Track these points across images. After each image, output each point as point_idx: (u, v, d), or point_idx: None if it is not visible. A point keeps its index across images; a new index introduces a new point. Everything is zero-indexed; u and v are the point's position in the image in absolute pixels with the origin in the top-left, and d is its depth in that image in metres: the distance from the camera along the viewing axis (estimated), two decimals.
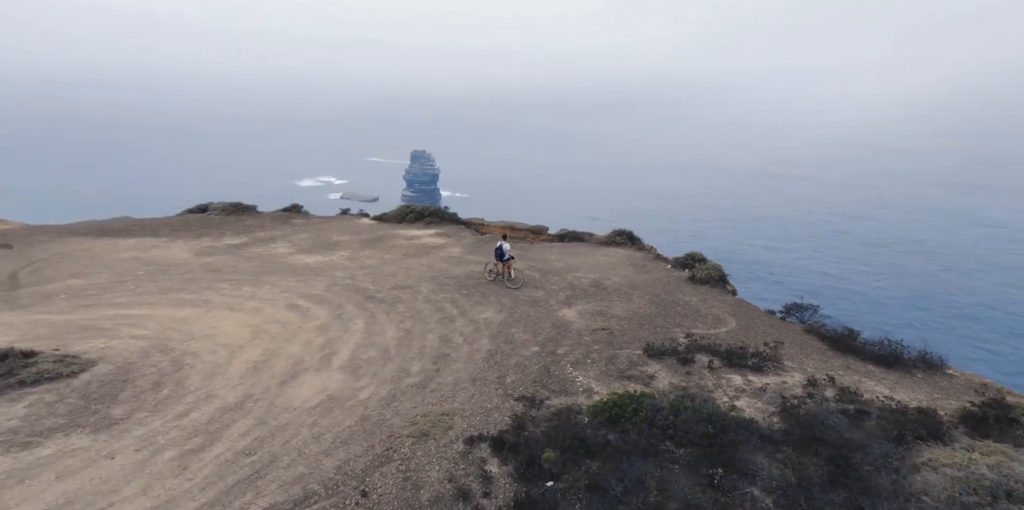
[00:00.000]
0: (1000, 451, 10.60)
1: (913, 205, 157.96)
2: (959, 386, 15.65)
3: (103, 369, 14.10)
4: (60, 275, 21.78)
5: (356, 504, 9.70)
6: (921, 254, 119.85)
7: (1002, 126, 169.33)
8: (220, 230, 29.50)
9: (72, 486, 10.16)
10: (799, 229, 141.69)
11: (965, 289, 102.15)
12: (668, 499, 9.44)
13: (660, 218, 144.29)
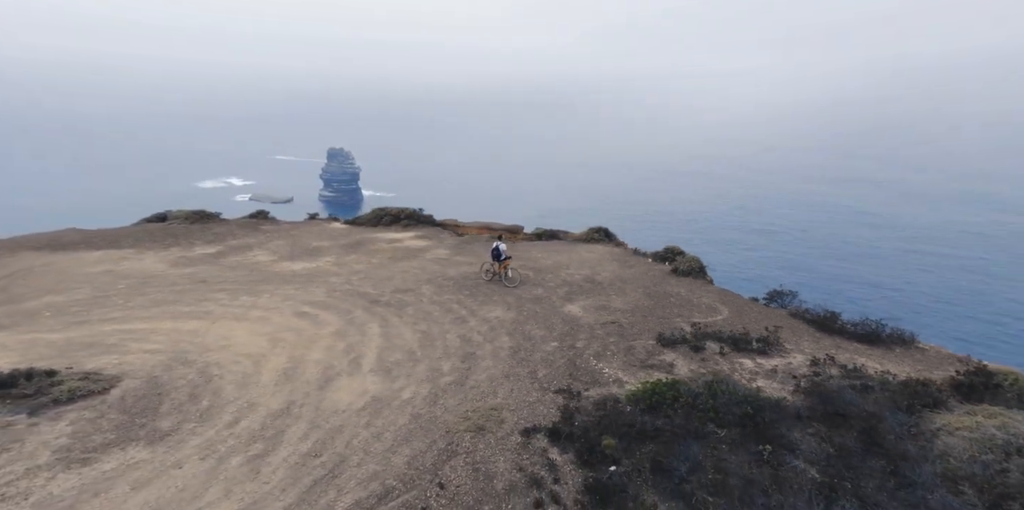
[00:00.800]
0: (999, 414, 12.59)
1: (792, 197, 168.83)
2: (932, 358, 17.91)
3: (131, 384, 14.22)
4: (33, 292, 21.15)
5: (437, 495, 10.56)
6: (804, 241, 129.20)
7: (849, 126, 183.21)
8: (188, 239, 29.03)
9: (152, 495, 10.52)
10: (709, 221, 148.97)
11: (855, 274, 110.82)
12: (726, 476, 10.79)
13: (589, 215, 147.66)
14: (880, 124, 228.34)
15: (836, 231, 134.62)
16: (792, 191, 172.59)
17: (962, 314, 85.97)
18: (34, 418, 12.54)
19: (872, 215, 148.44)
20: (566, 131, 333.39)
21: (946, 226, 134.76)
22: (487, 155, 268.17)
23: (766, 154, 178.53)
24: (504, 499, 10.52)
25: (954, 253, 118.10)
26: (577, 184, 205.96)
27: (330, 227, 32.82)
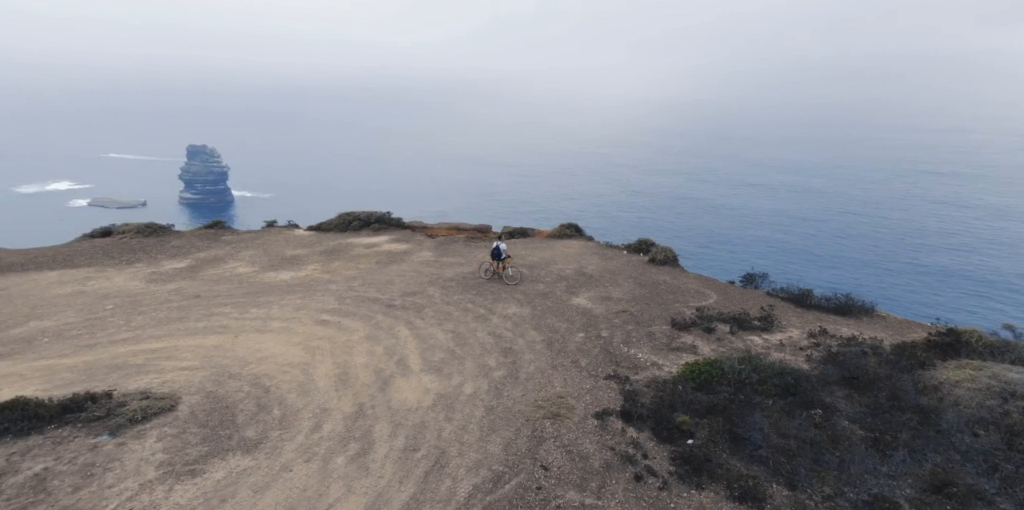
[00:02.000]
0: (984, 366, 15.75)
1: (660, 188, 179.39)
2: (894, 324, 21.36)
3: (193, 400, 14.71)
4: (10, 318, 20.47)
5: (545, 476, 12.21)
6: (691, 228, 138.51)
7: (702, 125, 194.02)
8: (148, 254, 28.40)
9: (279, 497, 11.45)
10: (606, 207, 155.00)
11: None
12: (790, 439, 13.07)
13: (482, 212, 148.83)
14: (734, 123, 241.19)
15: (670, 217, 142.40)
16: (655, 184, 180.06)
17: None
18: (118, 438, 12.90)
19: (711, 203, 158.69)
20: (444, 127, 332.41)
21: (775, 212, 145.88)
22: (367, 151, 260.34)
23: (628, 150, 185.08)
24: (606, 475, 12.28)
25: (771, 237, 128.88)
26: (454, 181, 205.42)
27: (294, 235, 32.94)
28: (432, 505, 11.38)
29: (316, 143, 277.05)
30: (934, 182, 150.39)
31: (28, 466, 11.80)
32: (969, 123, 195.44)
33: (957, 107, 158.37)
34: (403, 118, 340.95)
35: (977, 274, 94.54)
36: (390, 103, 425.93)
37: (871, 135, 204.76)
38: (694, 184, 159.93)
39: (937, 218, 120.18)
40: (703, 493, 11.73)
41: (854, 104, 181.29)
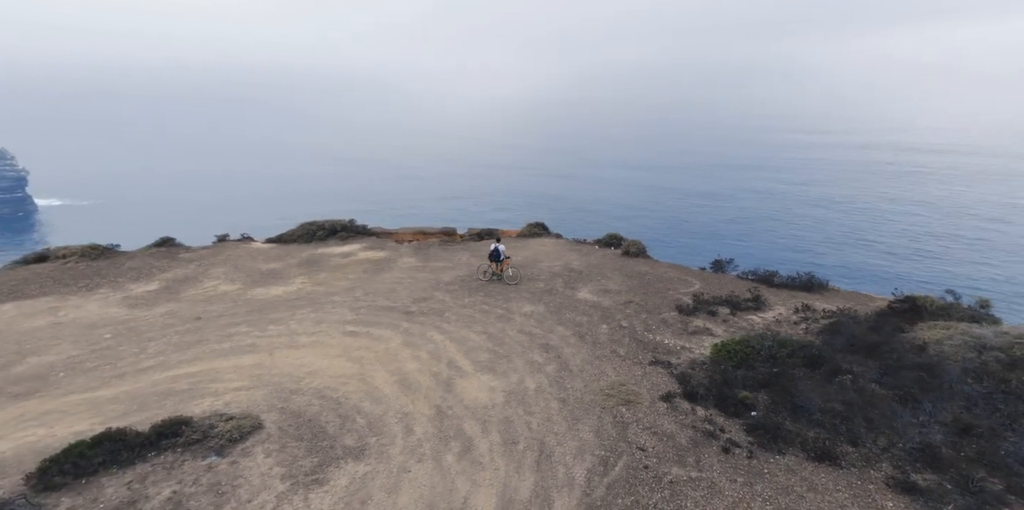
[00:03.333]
0: (951, 326, 19.22)
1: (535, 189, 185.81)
2: (849, 296, 24.99)
3: (272, 417, 15.22)
4: (3, 357, 19.50)
5: (645, 456, 14.04)
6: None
7: (555, 125, 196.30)
8: (107, 279, 27.25)
9: (414, 495, 12.53)
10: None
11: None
12: (835, 403, 15.66)
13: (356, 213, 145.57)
14: (585, 121, 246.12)
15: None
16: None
17: None
18: (227, 458, 13.35)
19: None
20: (319, 128, 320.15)
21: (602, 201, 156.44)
22: (202, 155, 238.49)
23: (511, 151, 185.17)
24: (697, 450, 14.27)
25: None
26: (333, 183, 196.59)
27: (256, 248, 32.52)
28: (558, 490, 12.89)
29: (158, 145, 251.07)
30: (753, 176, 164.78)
31: (155, 491, 12.10)
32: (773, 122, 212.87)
33: (784, 108, 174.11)
34: (270, 119, 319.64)
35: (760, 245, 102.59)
36: (251, 103, 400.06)
37: (714, 133, 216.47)
38: (568, 182, 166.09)
39: (755, 208, 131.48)
40: (785, 457, 14.04)
41: (702, 105, 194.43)
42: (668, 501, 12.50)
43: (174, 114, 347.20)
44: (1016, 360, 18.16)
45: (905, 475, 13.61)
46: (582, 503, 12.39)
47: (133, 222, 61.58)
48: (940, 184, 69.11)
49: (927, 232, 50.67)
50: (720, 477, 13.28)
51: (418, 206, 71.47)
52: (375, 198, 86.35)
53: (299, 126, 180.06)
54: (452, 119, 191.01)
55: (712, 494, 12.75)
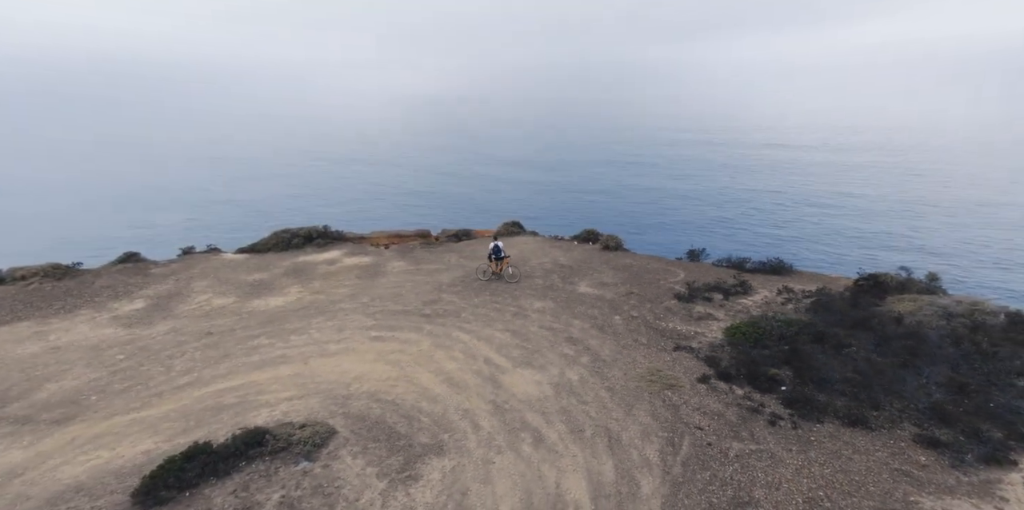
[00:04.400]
0: (917, 298, 21.35)
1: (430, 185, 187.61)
2: (814, 277, 27.11)
3: (339, 423, 15.20)
4: (12, 387, 18.25)
5: (704, 433, 15.10)
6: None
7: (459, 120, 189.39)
8: (83, 299, 25.68)
9: (506, 484, 13.04)
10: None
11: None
12: (847, 373, 17.21)
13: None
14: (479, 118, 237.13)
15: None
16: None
17: None
18: (317, 462, 13.34)
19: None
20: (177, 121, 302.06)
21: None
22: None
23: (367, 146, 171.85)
24: (747, 424, 15.45)
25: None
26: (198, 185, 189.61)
27: (229, 259, 31.40)
28: (639, 471, 13.68)
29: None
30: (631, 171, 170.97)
31: (264, 497, 12.03)
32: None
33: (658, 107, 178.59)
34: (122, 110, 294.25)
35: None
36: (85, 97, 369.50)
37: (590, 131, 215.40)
38: (463, 181, 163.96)
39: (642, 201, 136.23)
40: (824, 425, 15.42)
41: (588, 104, 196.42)
42: (740, 473, 13.53)
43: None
44: (978, 324, 20.48)
45: (926, 431, 15.25)
46: (665, 481, 13.22)
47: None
48: (796, 176, 74.32)
49: (783, 219, 55.11)
50: (776, 447, 14.46)
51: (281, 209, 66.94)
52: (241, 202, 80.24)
53: (155, 119, 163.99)
54: (320, 112, 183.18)
55: (775, 463, 13.89)
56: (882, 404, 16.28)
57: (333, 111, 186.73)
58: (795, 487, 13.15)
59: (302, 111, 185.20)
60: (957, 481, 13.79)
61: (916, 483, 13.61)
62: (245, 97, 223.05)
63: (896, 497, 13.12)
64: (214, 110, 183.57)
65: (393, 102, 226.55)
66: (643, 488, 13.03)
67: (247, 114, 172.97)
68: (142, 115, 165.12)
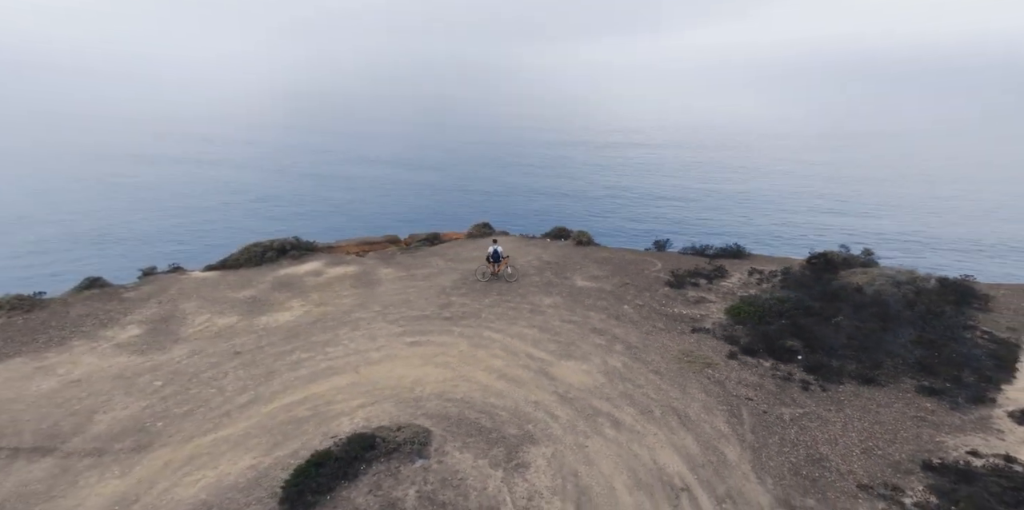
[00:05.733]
0: (866, 271, 24.23)
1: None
2: (770, 260, 29.85)
3: (428, 422, 15.48)
4: (58, 422, 16.81)
5: (755, 403, 16.70)
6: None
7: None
8: (65, 330, 23.57)
9: (609, 463, 14.01)
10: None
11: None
12: (845, 339, 19.45)
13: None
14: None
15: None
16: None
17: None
18: (432, 459, 13.71)
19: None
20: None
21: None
22: None
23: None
24: (786, 391, 17.27)
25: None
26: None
27: (200, 278, 29.77)
28: (718, 441, 15.05)
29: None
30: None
31: (402, 493, 12.49)
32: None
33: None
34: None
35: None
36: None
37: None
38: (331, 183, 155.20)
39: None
40: (845, 386, 17.49)
41: (454, 100, 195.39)
42: (801, 433, 15.23)
43: None
44: (921, 290, 23.62)
45: (923, 383, 17.68)
46: (746, 447, 14.65)
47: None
48: (652, 173, 79.63)
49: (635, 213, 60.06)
50: (819, 409, 16.31)
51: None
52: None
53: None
54: (170, 110, 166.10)
55: (824, 423, 15.71)
56: (881, 363, 18.61)
57: (186, 109, 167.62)
58: (849, 441, 14.99)
59: (153, 109, 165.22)
60: (961, 421, 16.21)
61: (933, 426, 15.88)
62: (84, 97, 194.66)
63: (924, 439, 15.28)
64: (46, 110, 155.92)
65: (254, 96, 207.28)
66: (729, 456, 14.36)
67: (76, 115, 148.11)
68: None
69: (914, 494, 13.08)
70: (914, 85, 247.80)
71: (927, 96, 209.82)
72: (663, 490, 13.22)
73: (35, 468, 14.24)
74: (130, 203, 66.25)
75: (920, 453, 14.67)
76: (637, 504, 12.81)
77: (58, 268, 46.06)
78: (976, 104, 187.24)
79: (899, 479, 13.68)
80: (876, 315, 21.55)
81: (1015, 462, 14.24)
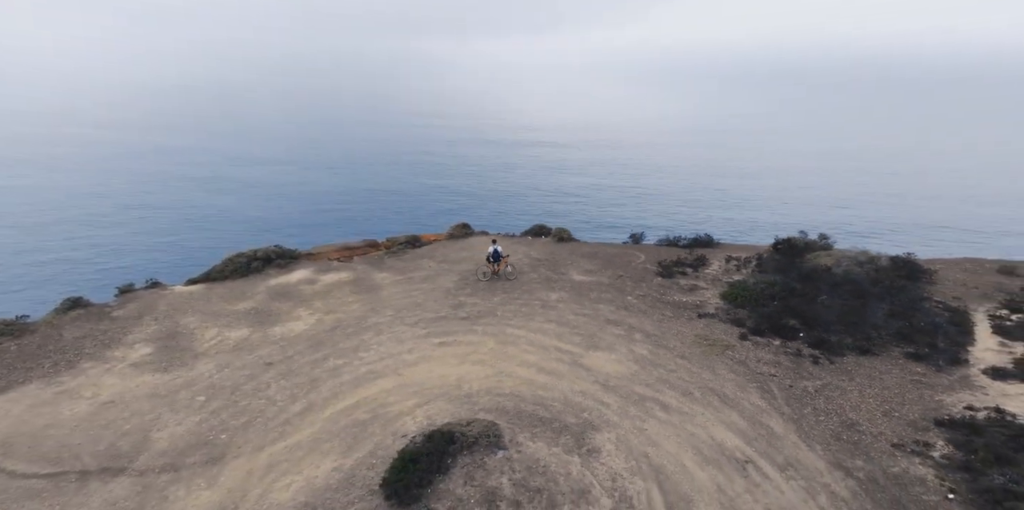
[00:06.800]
0: (831, 254, 26.34)
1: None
2: (739, 247, 31.73)
3: (488, 417, 15.78)
4: (114, 443, 15.89)
5: (779, 379, 18.02)
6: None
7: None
8: (67, 354, 21.73)
9: (673, 443, 14.90)
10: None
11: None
12: (835, 316, 21.18)
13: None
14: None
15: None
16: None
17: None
18: (511, 449, 14.15)
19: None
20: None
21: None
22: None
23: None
24: (800, 366, 18.75)
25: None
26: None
27: (186, 291, 28.42)
28: (759, 414, 16.24)
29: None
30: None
31: (496, 482, 13.19)
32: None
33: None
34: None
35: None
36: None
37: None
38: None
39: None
40: (846, 358, 19.16)
41: (346, 94, 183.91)
42: (829, 402, 16.69)
43: None
44: (880, 268, 25.94)
45: (908, 350, 19.61)
46: (787, 418, 15.90)
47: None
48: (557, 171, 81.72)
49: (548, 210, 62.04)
50: (834, 379, 17.85)
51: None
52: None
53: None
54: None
55: (843, 392, 17.24)
56: (870, 335, 20.45)
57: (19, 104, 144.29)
58: (869, 406, 16.55)
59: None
60: (948, 381, 18.17)
61: (929, 387, 17.73)
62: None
63: (927, 399, 17.06)
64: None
65: (102, 91, 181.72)
66: (775, 428, 15.54)
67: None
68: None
69: (939, 448, 14.66)
70: (798, 87, 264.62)
71: (803, 97, 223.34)
72: (729, 463, 14.19)
73: (114, 487, 13.68)
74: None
75: (928, 412, 16.39)
76: (711, 478, 13.71)
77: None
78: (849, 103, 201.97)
79: (921, 435, 15.27)
80: (851, 293, 23.51)
81: (1005, 413, 16.16)
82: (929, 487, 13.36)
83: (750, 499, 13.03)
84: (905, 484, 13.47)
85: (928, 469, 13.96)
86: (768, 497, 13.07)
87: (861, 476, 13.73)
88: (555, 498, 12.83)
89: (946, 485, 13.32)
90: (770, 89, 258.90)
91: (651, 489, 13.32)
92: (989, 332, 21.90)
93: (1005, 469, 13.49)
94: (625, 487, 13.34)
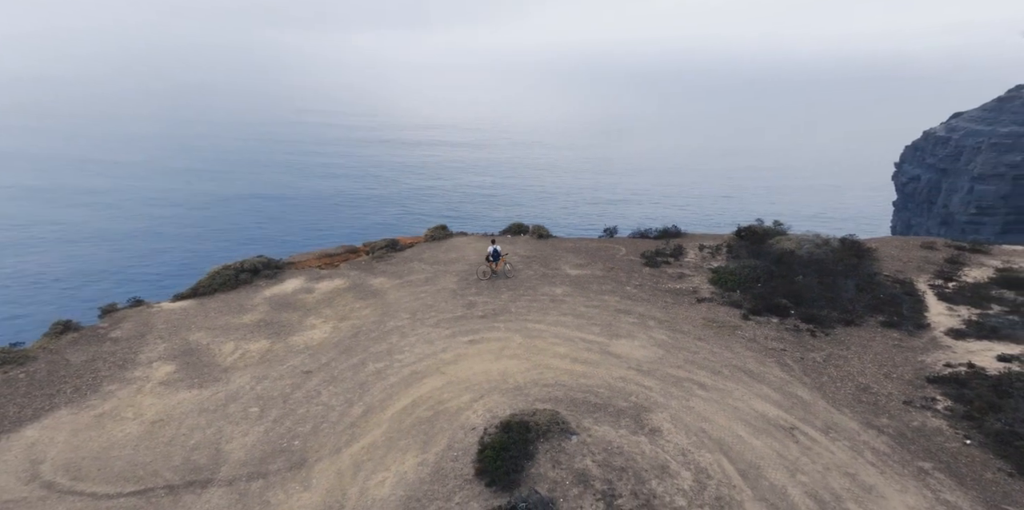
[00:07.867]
0: (791, 237, 28.68)
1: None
2: (705, 236, 33.74)
3: (546, 406, 16.39)
4: (190, 458, 15.37)
5: (789, 353, 19.66)
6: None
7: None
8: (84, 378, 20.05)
9: (724, 417, 16.10)
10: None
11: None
12: (816, 294, 23.21)
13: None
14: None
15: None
16: None
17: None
18: (580, 434, 14.79)
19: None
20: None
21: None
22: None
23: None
24: (802, 340, 20.50)
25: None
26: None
27: (176, 307, 27.02)
28: (786, 385, 17.74)
29: None
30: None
31: (581, 465, 13.61)
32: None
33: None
34: None
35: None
36: None
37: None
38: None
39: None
40: (836, 329, 21.11)
41: (217, 90, 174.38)
42: (838, 369, 18.45)
43: None
44: (834, 249, 28.48)
45: (882, 319, 21.85)
46: (811, 387, 17.50)
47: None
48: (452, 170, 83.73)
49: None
50: (834, 349, 19.71)
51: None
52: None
53: None
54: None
55: (846, 360, 19.10)
56: (849, 309, 22.60)
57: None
58: (871, 371, 18.46)
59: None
60: (923, 344, 20.49)
61: (910, 350, 19.95)
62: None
63: (911, 361, 19.22)
64: None
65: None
66: (803, 396, 17.07)
67: None
68: None
69: (941, 402, 16.67)
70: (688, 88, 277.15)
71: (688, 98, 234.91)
72: (778, 431, 15.52)
73: (211, 497, 13.38)
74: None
75: (919, 371, 18.50)
76: (768, 445, 14.96)
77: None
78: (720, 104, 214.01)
79: (921, 392, 17.27)
80: (817, 272, 25.76)
81: (976, 367, 18.50)
82: (947, 436, 15.25)
83: (808, 461, 14.37)
84: (928, 435, 15.29)
85: (941, 420, 15.89)
86: (823, 458, 14.47)
87: (891, 432, 15.44)
88: (640, 474, 13.60)
89: (960, 433, 15.25)
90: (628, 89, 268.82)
91: (720, 460, 14.36)
92: (935, 299, 24.66)
93: (999, 415, 15.59)
94: (696, 460, 14.29)
